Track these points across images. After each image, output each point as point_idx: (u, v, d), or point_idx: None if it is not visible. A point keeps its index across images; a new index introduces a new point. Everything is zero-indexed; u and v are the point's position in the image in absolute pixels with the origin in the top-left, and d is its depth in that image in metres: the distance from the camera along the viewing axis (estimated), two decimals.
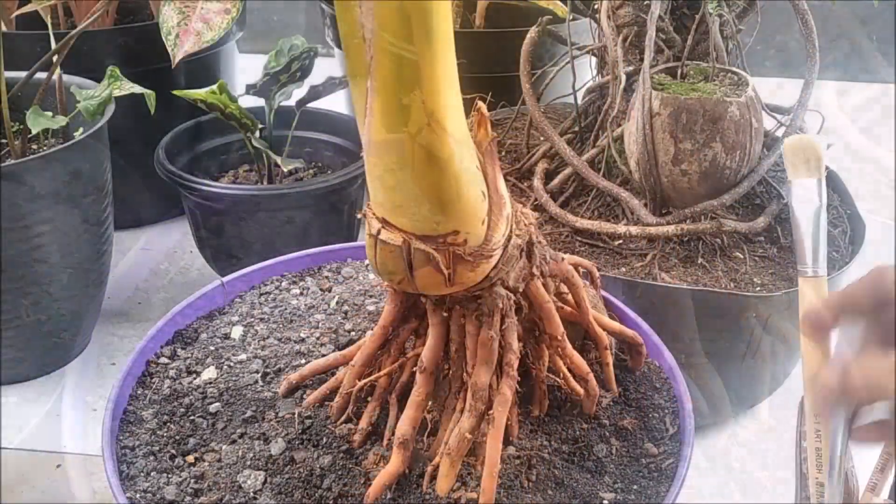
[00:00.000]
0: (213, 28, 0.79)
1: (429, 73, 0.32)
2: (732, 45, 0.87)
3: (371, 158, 0.36)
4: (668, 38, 0.85)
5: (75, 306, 0.86)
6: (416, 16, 0.30)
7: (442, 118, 0.33)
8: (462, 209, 0.38)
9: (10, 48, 0.94)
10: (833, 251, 0.81)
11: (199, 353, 0.60)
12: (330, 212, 0.95)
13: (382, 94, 0.32)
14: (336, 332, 0.62)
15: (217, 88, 0.90)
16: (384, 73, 0.31)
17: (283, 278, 0.69)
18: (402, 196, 0.37)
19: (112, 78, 0.82)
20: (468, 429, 0.45)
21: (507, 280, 0.43)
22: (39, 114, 0.80)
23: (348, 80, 0.35)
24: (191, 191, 0.91)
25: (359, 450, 0.49)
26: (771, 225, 0.82)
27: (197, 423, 0.53)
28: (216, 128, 1.05)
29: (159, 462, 0.50)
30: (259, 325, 0.63)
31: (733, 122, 0.76)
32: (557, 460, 0.50)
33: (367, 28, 0.31)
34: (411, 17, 0.30)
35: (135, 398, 0.55)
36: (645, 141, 0.77)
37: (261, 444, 0.50)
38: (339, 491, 0.47)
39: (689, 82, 0.82)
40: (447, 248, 0.39)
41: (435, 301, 0.45)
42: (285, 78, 0.97)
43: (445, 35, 0.31)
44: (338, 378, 0.52)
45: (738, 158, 0.77)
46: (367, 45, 0.31)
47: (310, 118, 1.06)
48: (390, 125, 0.33)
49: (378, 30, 0.31)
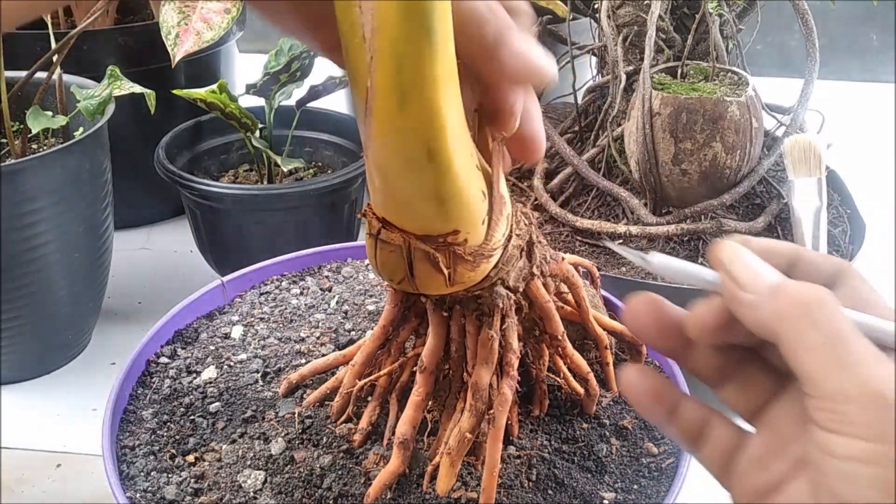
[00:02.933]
0: (213, 28, 0.79)
1: (429, 73, 0.31)
2: (732, 45, 0.88)
3: (370, 157, 0.36)
4: (668, 37, 0.86)
5: (75, 306, 0.86)
6: (416, 15, 0.30)
7: (442, 118, 0.33)
8: (462, 209, 0.37)
9: (10, 48, 0.94)
10: (833, 251, 0.81)
11: (199, 352, 0.60)
12: (330, 211, 0.95)
13: (382, 93, 0.32)
14: (336, 332, 0.62)
15: (217, 88, 0.90)
16: (384, 73, 0.31)
17: (283, 278, 0.69)
18: (402, 196, 0.37)
19: (112, 77, 0.82)
20: (468, 428, 0.45)
21: (507, 280, 0.43)
22: (39, 113, 0.80)
23: (348, 80, 0.35)
24: (191, 190, 0.91)
25: (359, 449, 0.49)
26: (771, 224, 0.82)
27: (197, 423, 0.53)
28: (216, 127, 1.05)
29: (159, 462, 0.50)
30: (259, 324, 0.63)
31: (733, 122, 0.76)
32: (558, 460, 0.50)
33: (367, 28, 0.31)
34: (411, 16, 0.30)
35: (135, 398, 0.55)
36: (645, 140, 0.77)
37: (261, 444, 0.50)
38: (339, 490, 0.47)
39: (690, 82, 0.82)
40: (447, 247, 0.39)
41: (435, 301, 0.45)
42: (285, 77, 0.97)
43: (445, 34, 0.31)
44: (338, 378, 0.52)
45: (739, 158, 0.78)
46: (367, 45, 0.31)
47: (310, 118, 1.06)
48: (390, 125, 0.33)
49: (378, 29, 0.30)
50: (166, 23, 0.79)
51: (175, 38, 0.78)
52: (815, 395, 0.28)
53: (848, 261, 0.78)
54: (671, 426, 0.35)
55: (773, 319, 0.29)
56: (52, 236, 0.79)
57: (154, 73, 1.02)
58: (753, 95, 0.78)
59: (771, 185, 0.85)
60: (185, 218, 1.04)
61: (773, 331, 0.29)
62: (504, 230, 0.41)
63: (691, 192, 0.79)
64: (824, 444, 0.27)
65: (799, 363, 0.28)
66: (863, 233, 0.83)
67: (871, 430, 0.26)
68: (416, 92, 0.32)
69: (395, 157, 0.35)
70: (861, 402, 0.26)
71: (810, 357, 0.28)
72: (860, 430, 0.26)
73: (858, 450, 0.26)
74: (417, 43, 0.30)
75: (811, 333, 0.28)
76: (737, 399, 0.34)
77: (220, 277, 0.66)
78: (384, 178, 0.37)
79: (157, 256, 1.10)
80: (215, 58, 1.15)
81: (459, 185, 0.36)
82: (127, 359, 0.57)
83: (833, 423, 0.27)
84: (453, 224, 0.38)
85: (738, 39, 0.88)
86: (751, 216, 0.83)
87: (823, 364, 0.27)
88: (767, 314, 0.29)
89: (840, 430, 0.27)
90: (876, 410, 0.26)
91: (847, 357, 0.27)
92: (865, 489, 0.26)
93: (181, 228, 1.13)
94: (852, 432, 0.26)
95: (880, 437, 0.26)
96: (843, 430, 0.27)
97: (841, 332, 0.28)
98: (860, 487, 0.26)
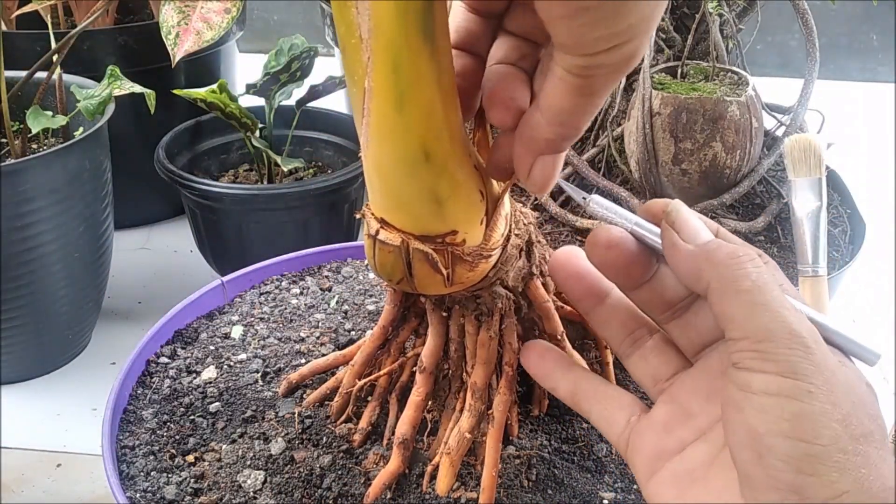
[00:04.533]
0: (213, 27, 0.79)
1: (426, 74, 0.31)
2: (732, 45, 0.87)
3: (368, 158, 0.36)
4: (668, 37, 0.85)
5: (75, 306, 0.86)
6: (413, 16, 0.30)
7: (439, 119, 0.33)
8: (460, 209, 0.37)
9: (10, 48, 0.95)
10: (833, 251, 0.81)
11: (199, 352, 0.60)
12: (330, 211, 0.95)
13: (379, 94, 0.32)
14: (336, 332, 0.62)
15: (217, 88, 0.90)
16: (381, 74, 0.31)
17: (283, 278, 0.69)
18: (400, 196, 0.37)
19: (112, 77, 0.82)
20: (468, 428, 0.45)
21: (506, 280, 0.43)
22: (39, 113, 0.80)
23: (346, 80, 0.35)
24: (191, 190, 0.91)
25: (359, 449, 0.49)
26: (771, 224, 0.82)
27: (197, 423, 0.53)
28: (216, 127, 1.05)
29: (159, 462, 0.50)
30: (259, 324, 0.63)
31: (733, 122, 0.76)
32: (557, 460, 0.50)
33: (364, 28, 0.31)
34: (407, 16, 0.30)
35: (135, 398, 0.55)
36: (645, 140, 0.77)
37: (261, 444, 0.50)
38: (338, 490, 0.47)
39: (689, 82, 0.82)
40: (446, 247, 0.39)
41: (434, 301, 0.45)
42: (285, 77, 0.97)
43: (442, 35, 0.31)
44: (338, 378, 0.52)
45: (739, 158, 0.77)
46: (364, 45, 0.31)
47: (310, 118, 1.06)
48: (387, 125, 0.33)
49: (374, 30, 0.30)
50: (166, 22, 0.79)
51: (175, 37, 0.78)
52: (739, 336, 0.30)
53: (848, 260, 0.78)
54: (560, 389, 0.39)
55: (707, 268, 0.32)
56: (51, 236, 0.79)
57: (154, 72, 1.02)
58: (753, 95, 0.78)
59: (771, 185, 0.85)
60: (185, 218, 1.04)
61: (705, 278, 0.32)
62: (503, 230, 0.41)
63: (691, 192, 0.79)
64: (743, 382, 0.30)
65: (726, 306, 0.31)
66: (863, 233, 0.83)
67: (787, 366, 0.29)
68: (413, 93, 0.32)
69: (392, 157, 0.35)
70: (779, 340, 0.29)
71: (738, 299, 0.30)
72: (776, 367, 0.29)
73: (775, 385, 0.29)
74: (414, 44, 0.30)
75: (741, 281, 0.31)
76: (643, 371, 0.38)
77: (220, 277, 0.66)
78: (382, 179, 0.37)
79: (157, 256, 1.10)
80: (215, 58, 1.15)
81: (457, 186, 0.36)
82: (127, 359, 0.57)
83: (754, 361, 0.29)
84: (451, 224, 0.38)
85: (738, 39, 0.88)
86: (751, 216, 0.83)
87: (750, 306, 0.30)
88: (703, 262, 0.32)
89: (759, 368, 0.29)
90: (792, 348, 0.29)
91: (771, 301, 0.30)
92: (777, 420, 0.28)
93: (181, 228, 1.13)
94: (770, 369, 0.29)
95: (794, 372, 0.28)
96: (762, 368, 0.29)
97: (766, 283, 0.31)
98: (773, 419, 0.28)
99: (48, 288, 0.81)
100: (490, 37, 0.36)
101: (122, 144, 0.93)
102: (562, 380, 0.40)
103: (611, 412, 0.38)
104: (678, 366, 0.37)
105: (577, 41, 0.29)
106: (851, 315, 1.00)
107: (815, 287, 0.52)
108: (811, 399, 0.28)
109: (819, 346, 0.29)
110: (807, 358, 0.29)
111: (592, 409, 0.38)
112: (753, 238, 0.82)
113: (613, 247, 0.35)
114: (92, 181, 0.82)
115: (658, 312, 0.37)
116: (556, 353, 0.40)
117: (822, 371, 0.29)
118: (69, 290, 0.84)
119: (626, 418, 0.37)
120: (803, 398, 0.28)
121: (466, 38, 0.36)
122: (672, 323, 0.37)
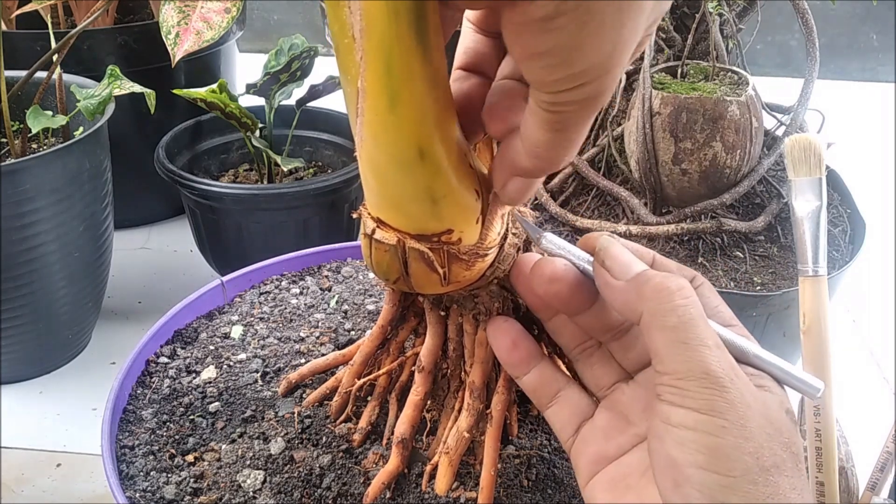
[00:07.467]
0: (213, 27, 0.79)
1: (418, 73, 0.31)
2: (732, 45, 0.87)
3: (363, 158, 0.36)
4: (669, 37, 0.85)
5: (75, 306, 0.86)
6: (405, 14, 0.30)
7: (433, 118, 0.33)
8: (456, 208, 0.37)
9: (10, 48, 0.95)
10: (833, 251, 0.81)
11: (198, 352, 0.60)
12: (330, 211, 0.95)
13: (372, 93, 0.32)
14: (336, 332, 0.62)
15: (217, 87, 0.90)
16: (374, 74, 0.31)
17: (283, 277, 0.69)
18: (396, 195, 0.37)
19: (112, 77, 0.82)
20: (466, 428, 0.45)
21: (503, 279, 0.43)
22: (39, 113, 0.80)
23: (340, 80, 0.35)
24: (191, 190, 0.91)
25: (358, 449, 0.49)
26: (771, 224, 0.82)
27: (196, 423, 0.53)
28: (216, 127, 1.05)
29: (159, 461, 0.50)
30: (259, 324, 0.63)
31: (733, 122, 0.76)
32: (557, 459, 0.50)
33: (356, 28, 0.31)
34: (399, 16, 0.30)
35: (134, 398, 0.55)
36: (645, 140, 0.77)
37: (260, 444, 0.50)
38: (338, 490, 0.47)
39: (690, 81, 0.82)
40: (441, 246, 0.39)
41: (432, 300, 0.45)
42: (285, 77, 0.97)
43: (435, 33, 0.31)
44: (337, 377, 0.52)
45: (739, 157, 0.77)
46: (357, 45, 0.31)
47: (310, 117, 1.06)
48: (381, 125, 0.33)
49: (367, 29, 0.30)
50: (166, 22, 0.79)
51: (175, 37, 0.78)
52: (662, 370, 0.32)
53: (848, 260, 0.78)
54: (524, 379, 0.40)
55: (637, 302, 0.33)
56: (51, 236, 0.79)
57: (154, 72, 1.02)
58: (753, 95, 0.78)
59: (771, 185, 0.85)
60: (185, 218, 1.04)
61: (636, 311, 0.33)
62: (499, 229, 0.41)
63: (691, 192, 0.79)
64: (665, 415, 0.32)
65: (653, 342, 0.32)
66: (863, 233, 0.83)
67: (703, 403, 0.31)
68: (406, 92, 0.32)
69: (387, 156, 0.35)
70: (697, 380, 0.31)
71: (662, 337, 0.32)
72: (694, 404, 0.31)
73: (692, 420, 0.31)
74: (406, 43, 0.30)
75: (667, 317, 0.32)
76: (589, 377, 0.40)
77: (220, 277, 0.66)
78: (377, 178, 0.37)
79: (157, 256, 1.10)
80: (215, 57, 1.15)
81: (452, 185, 0.36)
82: (127, 358, 0.57)
83: (674, 396, 0.31)
84: (447, 223, 0.38)
85: (738, 39, 0.88)
86: (751, 216, 0.83)
87: (673, 344, 0.32)
88: (633, 297, 0.33)
89: (678, 403, 0.31)
90: (709, 388, 0.31)
91: (692, 340, 0.31)
92: (693, 453, 0.30)
93: (181, 228, 1.13)
94: (688, 405, 0.31)
95: (710, 409, 0.30)
96: (681, 403, 0.31)
97: (692, 319, 0.32)
98: (689, 451, 0.31)
99: (48, 288, 0.81)
100: (498, 57, 0.37)
101: (122, 144, 0.93)
102: (530, 373, 0.41)
103: (566, 415, 0.40)
104: (620, 376, 0.39)
105: (540, 80, 0.30)
106: (851, 315, 1.00)
107: (815, 287, 0.52)
108: (724, 434, 0.30)
109: (735, 382, 0.31)
110: (721, 396, 0.30)
111: (550, 407, 0.40)
112: (753, 237, 0.82)
113: (556, 281, 0.37)
114: (92, 181, 0.82)
115: (600, 334, 0.39)
116: (529, 344, 0.42)
117: (737, 407, 0.31)
118: (69, 290, 0.84)
119: (577, 422, 0.39)
120: (717, 433, 0.30)
121: (475, 60, 0.37)
122: (614, 343, 0.39)
